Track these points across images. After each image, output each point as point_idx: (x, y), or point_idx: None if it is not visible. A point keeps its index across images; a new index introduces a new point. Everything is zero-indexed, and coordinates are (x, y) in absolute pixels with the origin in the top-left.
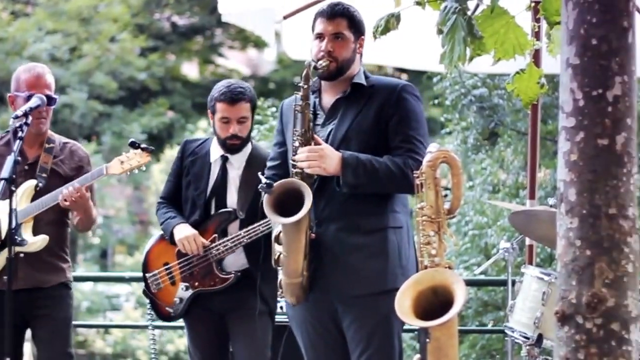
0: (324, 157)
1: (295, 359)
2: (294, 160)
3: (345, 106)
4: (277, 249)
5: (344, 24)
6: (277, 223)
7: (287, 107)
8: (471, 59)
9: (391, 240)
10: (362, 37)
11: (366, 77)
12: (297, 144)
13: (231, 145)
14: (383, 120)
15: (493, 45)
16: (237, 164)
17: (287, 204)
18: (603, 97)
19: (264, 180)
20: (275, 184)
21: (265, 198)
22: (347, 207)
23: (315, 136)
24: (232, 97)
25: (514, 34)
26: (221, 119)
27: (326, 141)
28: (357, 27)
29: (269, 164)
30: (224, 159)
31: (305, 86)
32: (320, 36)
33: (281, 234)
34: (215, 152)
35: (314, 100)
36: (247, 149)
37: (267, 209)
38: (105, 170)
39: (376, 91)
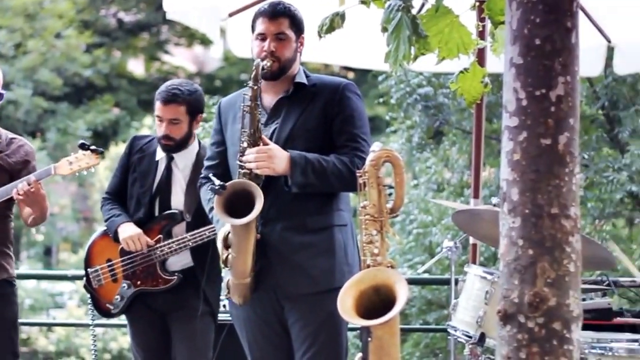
0: (272, 158)
1: (232, 357)
2: (241, 161)
3: (288, 106)
4: (225, 250)
5: (285, 23)
6: (228, 224)
7: (226, 106)
8: (415, 58)
9: (337, 238)
10: (303, 36)
11: (307, 76)
12: (245, 144)
13: (164, 145)
14: (327, 119)
15: (437, 45)
16: (182, 164)
17: (237, 205)
18: (546, 97)
19: (217, 182)
20: (227, 185)
21: (215, 199)
22: (293, 206)
23: (263, 136)
24: (165, 98)
25: (458, 33)
26: (156, 117)
27: (271, 140)
28: (298, 27)
29: (206, 163)
30: (169, 159)
31: (255, 87)
32: (262, 36)
33: (230, 235)
34: (161, 150)
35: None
36: (193, 149)
37: (218, 211)
38: (53, 170)
39: (319, 90)
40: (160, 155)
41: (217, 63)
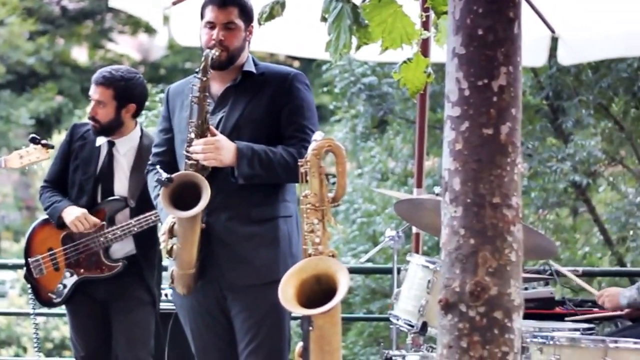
0: (220, 149)
1: (181, 346)
2: (188, 152)
3: (236, 95)
4: (171, 240)
5: (235, 12)
6: (175, 216)
7: (173, 93)
8: (358, 47)
9: (282, 229)
10: (252, 24)
11: (255, 65)
12: (192, 135)
13: (92, 127)
14: (275, 110)
15: (380, 34)
16: (124, 150)
17: (183, 196)
18: (488, 87)
19: (164, 175)
20: (173, 176)
21: (162, 191)
22: (238, 196)
23: (211, 127)
24: (95, 79)
25: (401, 23)
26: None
27: (217, 129)
28: (247, 16)
29: (154, 150)
30: (110, 144)
31: (204, 78)
32: (210, 24)
33: (175, 226)
34: (102, 137)
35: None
36: (135, 135)
37: (164, 203)
38: (4, 163)
39: (267, 80)
40: (101, 141)
41: (161, 51)
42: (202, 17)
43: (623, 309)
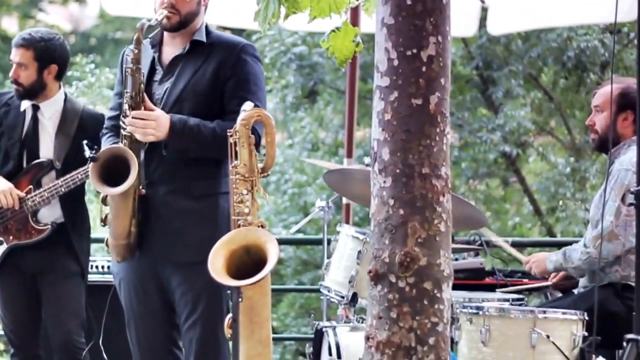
0: (159, 125)
1: (121, 318)
2: (124, 123)
3: (183, 64)
4: (105, 208)
5: None
6: (103, 192)
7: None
8: (287, 16)
9: (222, 206)
10: None
11: (208, 33)
12: (126, 106)
13: (15, 91)
14: (220, 81)
15: (309, 3)
16: (49, 113)
17: (115, 168)
18: (417, 57)
19: (88, 152)
20: (100, 151)
21: (91, 166)
22: (178, 169)
23: (147, 101)
24: (15, 41)
25: None
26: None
27: (161, 100)
28: None
29: (108, 113)
30: (35, 108)
31: (136, 50)
32: None
33: (108, 197)
34: (26, 101)
35: (154, 55)
36: (59, 98)
37: (92, 178)
38: None
39: (215, 49)
40: (25, 105)
41: (92, 21)
42: None
43: (550, 274)
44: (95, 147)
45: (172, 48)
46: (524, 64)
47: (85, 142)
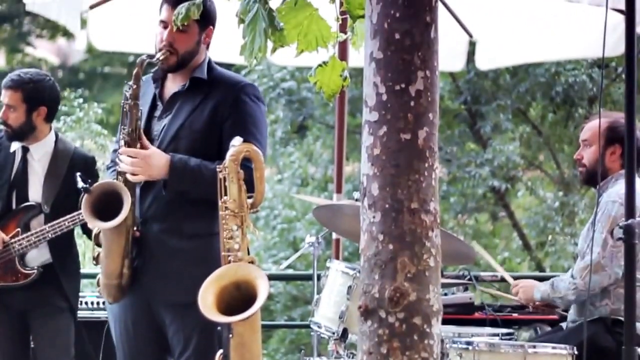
0: (150, 164)
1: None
2: (119, 160)
3: (182, 101)
4: (98, 247)
5: None
6: (94, 227)
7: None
8: (274, 50)
9: (215, 247)
10: (211, 27)
11: (210, 70)
12: (122, 142)
13: (5, 132)
14: (217, 121)
15: (296, 37)
16: (38, 155)
17: (108, 204)
18: (406, 92)
19: (80, 184)
20: (94, 186)
21: (84, 199)
22: (173, 208)
23: (143, 138)
24: (4, 83)
25: (317, 26)
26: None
27: (158, 136)
28: (205, 17)
29: (114, 146)
30: (25, 150)
31: (135, 85)
32: (163, 23)
33: (101, 235)
34: (16, 142)
35: (155, 91)
36: (49, 141)
37: (85, 212)
38: None
39: (215, 88)
40: (15, 146)
41: (80, 55)
42: (160, 11)
43: (535, 303)
44: (89, 180)
45: (173, 84)
46: (512, 99)
47: (78, 174)
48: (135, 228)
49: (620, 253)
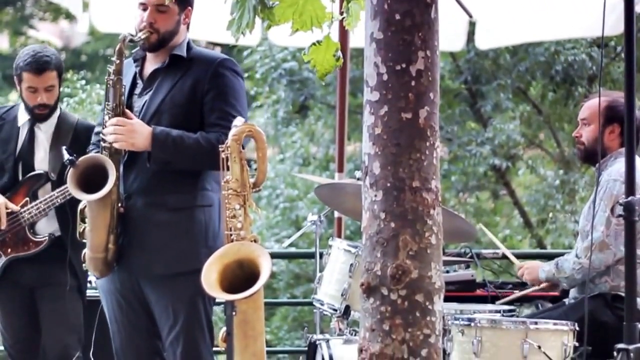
0: (132, 132)
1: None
2: (103, 134)
3: (162, 77)
4: (82, 223)
5: None
6: (81, 199)
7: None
8: (268, 27)
9: (198, 219)
10: (189, 7)
11: (189, 49)
12: (107, 117)
13: (39, 115)
14: (198, 95)
15: (291, 16)
16: (45, 126)
17: (94, 178)
18: (406, 72)
19: (66, 156)
20: (79, 160)
21: (70, 173)
22: (155, 182)
23: (127, 112)
24: (38, 68)
25: (312, 6)
26: (28, 89)
27: (140, 112)
28: None
29: (97, 129)
30: (32, 122)
31: (118, 61)
32: (143, 6)
33: (86, 209)
34: (23, 116)
35: (135, 70)
36: (55, 112)
37: (70, 185)
38: None
39: (194, 64)
40: (22, 120)
41: (83, 38)
42: None
43: (541, 283)
44: (75, 154)
45: (153, 63)
46: (512, 78)
47: (64, 147)
48: (119, 204)
49: (624, 231)
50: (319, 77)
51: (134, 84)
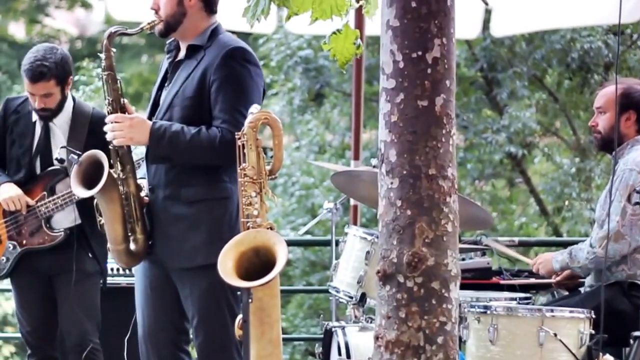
0: (130, 127)
1: (119, 320)
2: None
3: (182, 69)
4: (100, 217)
5: None
6: (80, 194)
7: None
8: (288, 17)
9: (214, 212)
10: None
11: (213, 37)
12: (106, 112)
13: (41, 116)
14: (206, 86)
15: (310, 5)
16: (60, 121)
17: (97, 174)
18: (422, 59)
19: (69, 155)
20: (82, 157)
21: (74, 170)
22: (172, 175)
23: (127, 105)
24: (33, 77)
25: None
26: (28, 91)
27: (161, 105)
28: None
29: None
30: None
31: (105, 56)
32: None
33: (98, 204)
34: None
35: (167, 61)
36: (69, 106)
37: (73, 181)
38: None
39: (207, 53)
40: (36, 116)
41: (98, 26)
42: None
43: (556, 273)
44: (79, 152)
45: (181, 53)
46: (528, 66)
47: (64, 146)
48: (143, 194)
49: None
50: (340, 66)
51: (165, 77)
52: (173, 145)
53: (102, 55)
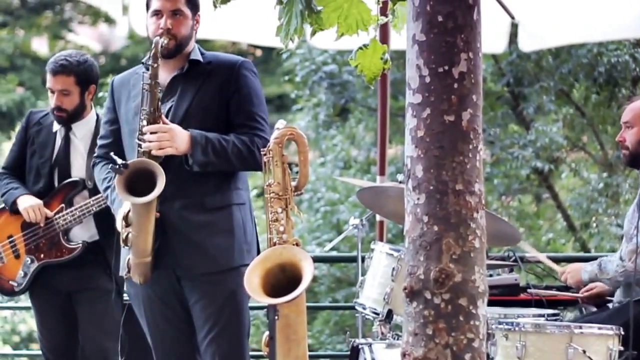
0: (174, 138)
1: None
2: (141, 140)
3: (184, 83)
4: (126, 228)
5: (182, 0)
6: (127, 202)
7: (118, 84)
8: (313, 33)
9: (236, 217)
10: (199, 14)
11: (202, 54)
12: (144, 123)
13: (57, 117)
14: (224, 98)
15: (336, 20)
16: (81, 133)
17: (136, 183)
18: (449, 74)
19: (119, 161)
20: (129, 164)
21: (116, 178)
22: (191, 185)
23: (163, 116)
24: (53, 69)
25: (357, 9)
26: (48, 89)
27: (167, 118)
28: (194, 4)
29: (100, 142)
30: (67, 129)
31: (155, 65)
32: (157, 13)
33: (130, 214)
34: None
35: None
36: (91, 118)
37: (119, 189)
38: None
39: (215, 68)
40: (57, 126)
41: (122, 42)
42: (147, 7)
43: (585, 284)
44: (123, 161)
45: (166, 71)
46: (555, 80)
47: (112, 153)
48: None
49: None
50: (368, 81)
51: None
52: (216, 151)
53: (152, 64)
